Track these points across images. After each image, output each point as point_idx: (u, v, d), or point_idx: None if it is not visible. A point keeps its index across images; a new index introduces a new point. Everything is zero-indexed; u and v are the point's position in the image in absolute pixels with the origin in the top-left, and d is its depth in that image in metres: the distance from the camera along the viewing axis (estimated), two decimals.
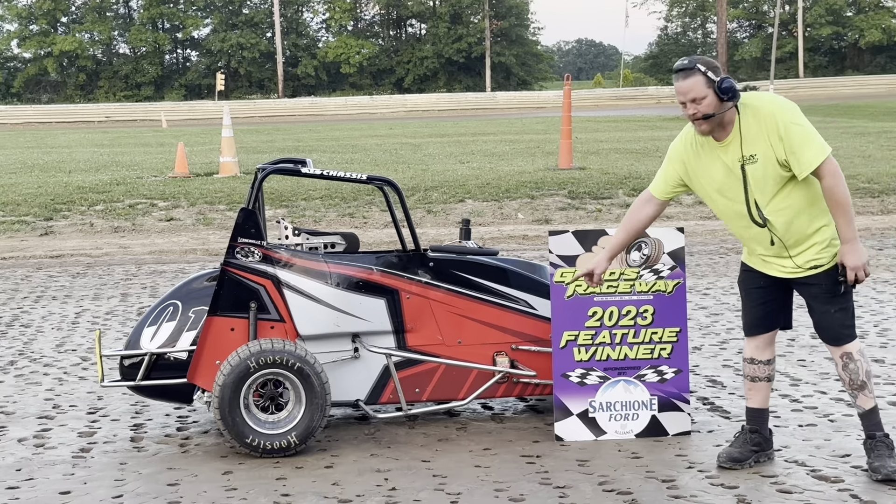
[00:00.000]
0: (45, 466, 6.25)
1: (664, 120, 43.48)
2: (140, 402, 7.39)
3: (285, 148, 30.73)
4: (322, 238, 7.10)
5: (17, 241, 15.33)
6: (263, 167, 6.88)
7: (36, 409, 7.40)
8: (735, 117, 5.68)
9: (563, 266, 6.56)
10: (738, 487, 5.68)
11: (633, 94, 69.69)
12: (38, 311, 10.69)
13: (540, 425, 6.82)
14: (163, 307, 6.83)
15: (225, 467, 6.16)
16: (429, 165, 23.14)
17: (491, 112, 61.01)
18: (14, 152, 31.55)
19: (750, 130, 5.64)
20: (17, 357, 8.89)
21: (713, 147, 5.77)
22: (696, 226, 15.63)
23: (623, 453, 6.29)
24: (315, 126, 47.28)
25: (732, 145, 5.69)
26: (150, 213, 16.86)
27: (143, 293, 11.51)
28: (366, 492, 5.74)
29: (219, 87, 62.45)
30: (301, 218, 16.06)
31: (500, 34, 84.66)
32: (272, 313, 6.54)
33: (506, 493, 5.68)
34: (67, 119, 61.76)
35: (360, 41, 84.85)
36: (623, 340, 6.59)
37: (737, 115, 5.67)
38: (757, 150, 5.62)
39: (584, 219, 16.12)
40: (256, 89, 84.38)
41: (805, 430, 6.64)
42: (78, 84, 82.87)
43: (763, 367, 6.05)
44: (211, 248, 14.49)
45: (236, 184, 19.68)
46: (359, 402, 6.69)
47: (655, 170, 6.44)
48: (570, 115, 21.79)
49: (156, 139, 38.27)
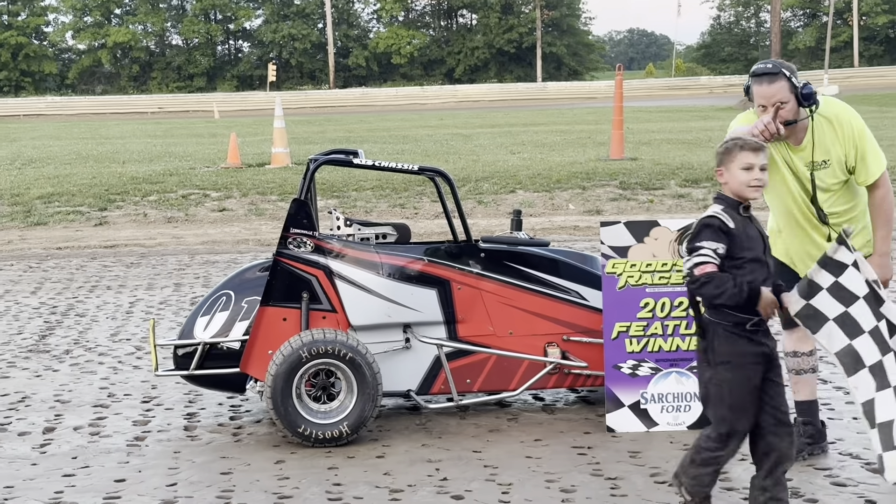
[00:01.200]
0: (101, 454, 6.31)
1: (717, 110, 43.19)
2: (193, 392, 7.45)
3: (336, 139, 30.82)
4: (374, 229, 7.11)
5: (72, 230, 15.48)
6: (315, 158, 6.90)
7: (91, 397, 7.48)
8: (808, 123, 5.69)
9: (614, 257, 6.54)
10: (790, 480, 5.64)
11: (685, 83, 69.29)
12: (93, 301, 10.80)
13: (591, 416, 6.80)
14: (216, 297, 6.87)
15: (277, 456, 6.19)
16: (479, 156, 23.12)
17: (542, 102, 60.85)
18: (69, 143, 31.87)
19: (825, 136, 5.70)
20: (73, 346, 8.98)
21: (785, 147, 5.80)
22: None
23: (675, 445, 6.26)
24: (366, 117, 47.39)
25: (805, 150, 5.73)
26: (203, 203, 16.98)
27: (196, 283, 11.59)
28: (417, 481, 5.76)
29: (270, 77, 62.78)
30: (352, 209, 16.10)
31: (552, 24, 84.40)
32: (324, 303, 6.56)
33: (557, 483, 5.68)
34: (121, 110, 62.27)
35: (411, 32, 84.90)
36: (675, 332, 6.56)
37: (811, 121, 5.69)
38: (830, 156, 5.71)
39: (636, 209, 16.05)
40: (308, 80, 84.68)
41: (859, 422, 6.56)
42: (131, 75, 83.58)
43: (806, 359, 6.03)
44: (263, 238, 14.57)
45: (288, 174, 19.76)
46: (410, 392, 6.71)
47: (708, 160, 6.43)
48: (621, 105, 21.70)
49: (208, 130, 38.51)
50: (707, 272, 4.70)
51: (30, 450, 6.42)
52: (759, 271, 4.77)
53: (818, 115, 5.70)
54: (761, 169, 4.84)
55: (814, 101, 5.65)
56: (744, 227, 4.79)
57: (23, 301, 10.86)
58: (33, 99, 68.38)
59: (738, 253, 4.75)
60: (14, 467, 6.12)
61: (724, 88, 65.81)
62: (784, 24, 78.66)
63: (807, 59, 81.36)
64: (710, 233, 4.75)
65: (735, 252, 4.75)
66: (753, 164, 4.82)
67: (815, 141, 5.70)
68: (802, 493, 5.46)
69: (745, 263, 4.74)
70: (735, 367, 4.78)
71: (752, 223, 4.84)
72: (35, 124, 49.56)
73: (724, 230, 4.73)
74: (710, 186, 17.22)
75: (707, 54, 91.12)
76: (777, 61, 5.73)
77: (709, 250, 4.73)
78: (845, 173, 5.73)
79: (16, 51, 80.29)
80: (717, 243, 4.73)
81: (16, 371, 8.23)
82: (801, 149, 5.74)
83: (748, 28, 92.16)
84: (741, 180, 4.82)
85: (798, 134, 5.74)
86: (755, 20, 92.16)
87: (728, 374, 4.78)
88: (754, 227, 4.84)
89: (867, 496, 5.41)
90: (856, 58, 77.00)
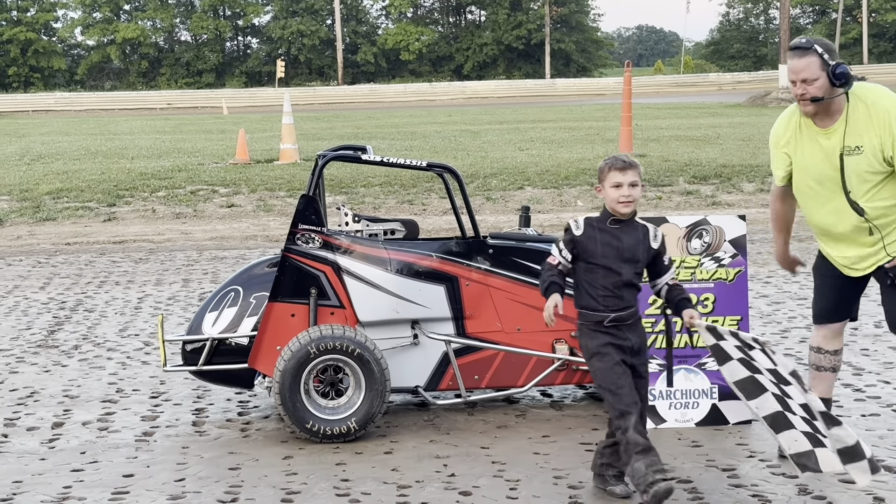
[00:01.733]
0: (109, 450, 6.33)
1: (725, 107, 43.13)
2: (202, 387, 7.46)
3: (345, 135, 30.83)
4: (382, 225, 7.12)
5: (80, 226, 15.51)
6: (324, 154, 6.90)
7: (99, 392, 7.50)
8: (844, 106, 5.55)
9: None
10: (798, 477, 5.64)
11: (693, 80, 69.20)
12: (102, 296, 10.82)
13: (599, 413, 6.80)
14: (224, 293, 6.88)
15: (285, 452, 6.20)
16: (488, 152, 23.12)
17: (550, 99, 60.82)
18: (78, 139, 31.91)
19: (859, 122, 5.52)
20: (82, 341, 9.00)
21: (815, 132, 5.65)
22: (758, 213, 15.49)
23: (683, 442, 6.26)
24: (374, 113, 47.40)
25: (836, 134, 5.57)
26: (212, 199, 16.99)
27: (204, 279, 11.60)
28: (425, 478, 5.76)
29: (279, 74, 62.76)
30: (360, 205, 16.11)
31: (560, 21, 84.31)
32: (332, 299, 6.56)
33: (565, 480, 5.68)
34: (130, 106, 62.33)
35: (420, 28, 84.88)
36: (683, 329, 6.55)
37: (846, 104, 5.56)
38: (863, 142, 5.51)
39: (644, 206, 16.03)
40: (316, 76, 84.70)
41: (868, 419, 6.57)
42: (140, 71, 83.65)
43: (829, 357, 6.00)
44: (271, 234, 14.58)
45: (296, 170, 19.77)
46: (418, 388, 6.71)
47: (716, 157, 6.40)
48: (630, 101, 21.67)
49: (217, 126, 38.54)
50: (547, 261, 5.42)
51: (38, 445, 6.44)
52: (611, 278, 5.30)
53: (855, 98, 5.54)
54: (631, 185, 5.28)
55: (846, 82, 5.50)
56: (600, 236, 5.32)
57: (31, 296, 10.88)
58: (42, 95, 68.47)
59: (588, 258, 5.33)
60: (23, 462, 6.14)
61: (732, 85, 65.74)
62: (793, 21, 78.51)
63: None
64: (563, 235, 5.42)
65: (584, 257, 5.34)
66: (622, 182, 5.29)
67: (847, 124, 5.54)
68: (811, 491, 5.46)
69: (595, 268, 5.32)
70: (602, 357, 5.32)
71: (621, 234, 5.33)
72: (44, 120, 49.64)
73: (570, 237, 5.35)
74: (717, 184, 17.21)
75: (716, 51, 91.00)
76: (815, 38, 5.58)
77: (557, 249, 5.39)
78: (883, 164, 5.53)
79: (25, 46, 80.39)
80: (563, 246, 5.36)
81: (24, 366, 8.24)
82: (832, 131, 5.59)
83: (757, 25, 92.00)
84: (612, 197, 5.33)
85: (831, 115, 5.58)
86: (764, 17, 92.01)
87: (599, 364, 5.34)
88: (622, 237, 5.32)
89: (876, 493, 5.41)
90: (865, 55, 76.84)
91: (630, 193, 5.28)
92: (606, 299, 5.30)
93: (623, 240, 5.32)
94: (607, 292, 5.29)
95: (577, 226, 5.36)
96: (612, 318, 5.29)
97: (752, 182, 17.33)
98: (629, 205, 5.30)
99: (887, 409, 6.78)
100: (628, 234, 5.35)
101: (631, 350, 5.35)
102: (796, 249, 12.62)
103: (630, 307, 5.34)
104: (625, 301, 5.32)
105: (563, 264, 5.35)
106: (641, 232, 5.39)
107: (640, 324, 5.43)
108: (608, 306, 5.30)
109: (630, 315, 5.34)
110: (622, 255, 5.31)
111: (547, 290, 5.32)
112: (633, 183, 5.29)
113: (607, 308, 5.30)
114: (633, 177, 5.30)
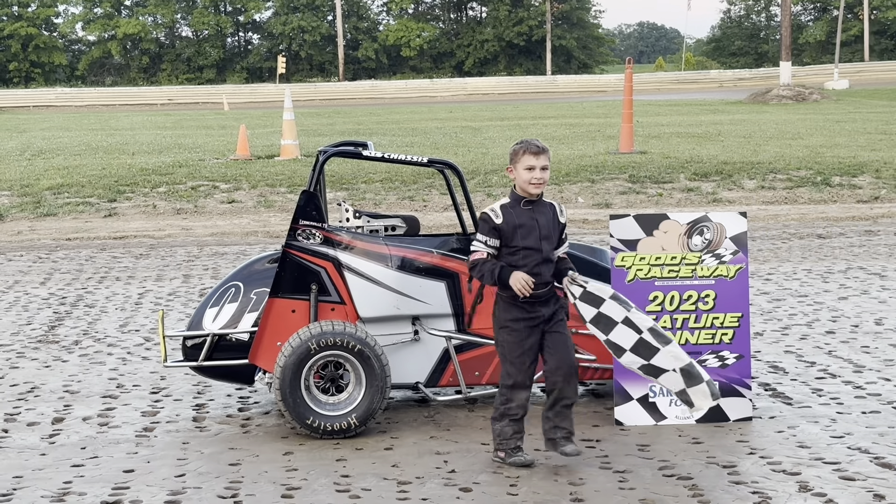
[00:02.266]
0: (110, 445, 6.33)
1: (726, 104, 43.10)
2: (202, 383, 7.46)
3: (345, 131, 30.82)
4: (382, 221, 7.11)
5: (81, 221, 15.51)
6: (325, 150, 6.90)
7: (100, 388, 7.50)
8: None
9: (623, 250, 6.53)
10: (799, 474, 5.64)
11: (694, 77, 69.12)
12: (102, 292, 10.82)
13: (600, 410, 6.80)
14: (225, 288, 6.88)
15: (286, 448, 6.20)
16: (489, 149, 23.11)
17: (551, 96, 60.74)
18: (79, 134, 31.89)
19: None
20: (82, 337, 9.00)
21: None
22: (759, 210, 15.50)
23: (683, 438, 6.26)
24: (375, 109, 47.37)
25: None
26: (212, 195, 16.99)
27: (204, 274, 11.60)
28: (425, 474, 5.76)
29: (280, 70, 62.75)
30: (361, 201, 16.11)
31: (561, 17, 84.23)
32: (333, 295, 6.56)
33: (565, 477, 5.68)
34: (131, 102, 62.27)
35: (421, 24, 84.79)
36: (684, 325, 6.55)
37: None
38: None
39: (645, 203, 16.04)
40: (317, 72, 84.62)
41: (868, 416, 6.57)
42: (141, 67, 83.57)
43: None
44: (272, 230, 14.58)
45: (297, 166, 19.77)
46: (418, 384, 6.71)
47: (717, 154, 6.43)
48: (631, 98, 21.65)
49: (217, 122, 38.52)
50: (474, 259, 5.77)
51: (39, 440, 6.44)
52: (532, 257, 5.71)
53: None
54: (542, 168, 5.72)
55: None
56: (518, 219, 5.72)
57: (32, 292, 10.88)
58: (43, 90, 68.39)
59: (511, 242, 5.72)
60: (23, 457, 6.14)
61: (733, 82, 65.64)
62: (794, 18, 78.47)
63: (817, 53, 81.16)
64: (483, 227, 5.77)
65: (508, 242, 5.72)
66: (534, 165, 5.72)
67: None
68: (811, 488, 5.46)
69: (518, 251, 5.71)
70: (512, 331, 5.76)
71: (535, 214, 5.75)
72: (45, 115, 49.62)
73: (492, 226, 5.72)
74: (718, 180, 17.20)
75: (717, 48, 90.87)
76: None
77: (480, 242, 5.76)
78: None
79: (26, 42, 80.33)
80: (486, 236, 5.74)
81: (25, 361, 8.25)
82: None
83: (758, 22, 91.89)
84: (524, 178, 5.75)
85: None
86: (765, 14, 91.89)
87: (507, 337, 5.79)
88: (537, 217, 5.74)
89: (875, 490, 5.41)
90: (866, 52, 76.75)
91: (541, 176, 5.74)
92: None
93: (539, 220, 5.76)
94: (528, 270, 5.67)
95: (497, 215, 5.74)
96: (529, 295, 5.66)
97: (752, 179, 17.32)
98: (540, 186, 5.75)
99: (888, 406, 6.77)
100: (542, 214, 5.79)
101: (541, 320, 5.77)
102: (795, 247, 12.63)
103: (546, 284, 5.74)
104: (542, 277, 5.71)
105: (491, 254, 5.75)
106: (551, 210, 5.85)
107: (553, 297, 5.81)
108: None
109: (545, 293, 5.75)
110: (541, 233, 5.74)
111: (501, 272, 5.68)
112: (545, 167, 5.75)
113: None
114: (545, 161, 5.76)
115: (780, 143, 22.77)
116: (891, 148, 21.51)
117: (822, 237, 13.41)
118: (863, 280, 10.71)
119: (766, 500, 5.33)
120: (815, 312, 9.38)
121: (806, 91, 44.57)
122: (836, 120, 30.32)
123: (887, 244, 12.82)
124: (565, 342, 5.80)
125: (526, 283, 5.62)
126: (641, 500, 5.36)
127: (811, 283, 10.60)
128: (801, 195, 16.57)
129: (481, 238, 5.75)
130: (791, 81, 45.80)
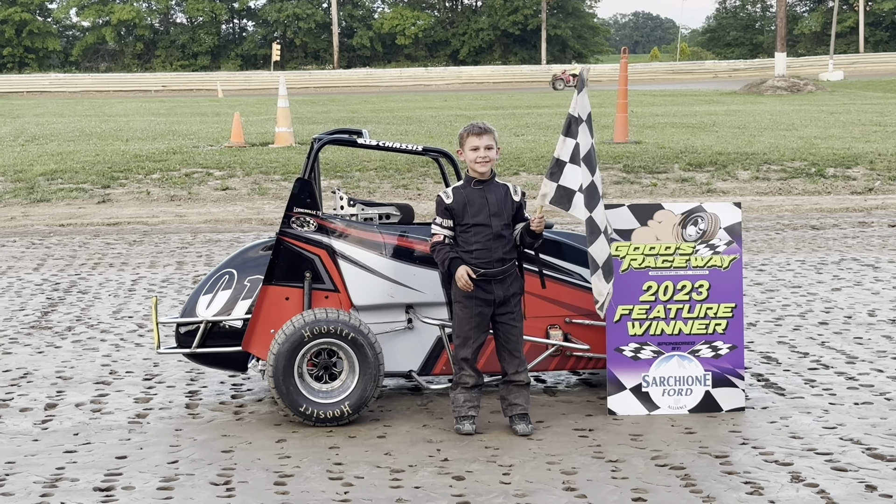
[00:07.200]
0: (102, 431, 6.32)
1: (721, 94, 43.11)
2: (195, 370, 7.46)
3: (340, 119, 30.79)
4: (377, 209, 7.10)
5: (74, 208, 15.48)
6: (320, 137, 6.89)
7: (93, 374, 7.49)
8: None
9: (618, 240, 6.53)
10: (792, 464, 5.65)
11: (689, 67, 69.16)
12: (96, 278, 10.80)
13: (593, 399, 6.81)
14: (218, 275, 6.87)
15: (279, 435, 6.20)
16: None
17: (546, 85, 60.71)
18: (72, 120, 31.84)
19: None
20: (75, 323, 8.99)
21: None
22: (753, 201, 15.51)
23: (676, 428, 6.27)
24: (370, 97, 47.33)
25: None
26: (206, 182, 16.97)
27: (198, 261, 11.59)
28: (418, 462, 5.77)
29: (274, 57, 62.65)
30: (356, 189, 16.10)
31: (557, 6, 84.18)
32: (327, 283, 6.56)
33: (558, 465, 5.69)
34: (125, 88, 62.23)
35: (416, 12, 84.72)
36: (678, 315, 6.56)
37: None
38: None
39: (640, 193, 16.04)
40: (312, 60, 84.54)
41: (861, 407, 6.58)
42: (135, 53, 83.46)
43: None
44: (266, 217, 14.57)
45: (291, 154, 19.75)
46: (412, 372, 6.71)
47: (712, 145, 6.44)
48: (626, 88, 21.64)
49: (212, 109, 38.47)
50: (433, 241, 6.18)
51: (31, 426, 6.43)
52: (483, 233, 6.08)
53: None
54: (486, 148, 6.11)
55: None
56: (468, 198, 6.11)
57: (25, 277, 10.87)
58: (37, 76, 68.31)
59: (463, 220, 6.10)
60: (16, 443, 6.14)
61: (728, 73, 65.70)
62: (790, 9, 78.49)
63: (812, 44, 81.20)
64: (438, 209, 6.17)
65: (459, 220, 6.10)
66: (478, 145, 6.12)
67: None
68: (803, 478, 5.47)
69: (470, 228, 6.08)
70: (464, 307, 6.13)
71: (485, 192, 6.13)
72: (38, 101, 49.53)
73: (444, 206, 6.13)
74: (713, 171, 17.21)
75: (712, 38, 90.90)
76: None
77: (437, 225, 6.17)
78: None
79: (20, 27, 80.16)
80: (441, 217, 6.15)
81: (18, 347, 8.24)
82: None
83: (754, 13, 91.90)
84: (470, 158, 6.15)
85: None
86: (761, 5, 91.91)
87: (459, 312, 6.17)
88: (486, 195, 6.11)
89: (867, 481, 5.42)
90: (861, 43, 76.80)
91: (486, 155, 6.11)
92: (480, 253, 6.06)
93: (488, 198, 6.13)
94: (480, 246, 6.06)
95: (448, 196, 6.14)
96: (481, 272, 6.04)
97: (747, 170, 17.32)
98: (486, 164, 6.12)
99: (880, 397, 6.79)
100: (492, 193, 6.16)
101: (493, 302, 6.11)
102: (789, 238, 12.65)
103: (501, 263, 6.08)
104: (494, 254, 6.07)
105: (448, 236, 6.14)
106: (503, 189, 6.23)
107: (509, 279, 6.14)
108: (480, 260, 6.06)
109: (500, 272, 6.09)
110: (490, 209, 6.10)
111: (450, 265, 6.07)
112: (489, 146, 6.12)
113: (479, 263, 6.06)
114: (489, 140, 6.13)
115: (774, 134, 22.78)
116: (885, 139, 21.52)
117: (816, 228, 13.43)
118: (856, 271, 10.72)
119: (758, 490, 5.34)
120: (809, 303, 9.39)
121: (801, 82, 44.61)
122: (831, 111, 30.34)
123: (881, 235, 12.84)
124: (513, 332, 6.19)
125: (467, 282, 6.00)
126: (634, 490, 5.37)
127: (805, 274, 10.61)
128: (795, 186, 16.59)
129: (437, 220, 6.15)
130: (786, 72, 45.85)
